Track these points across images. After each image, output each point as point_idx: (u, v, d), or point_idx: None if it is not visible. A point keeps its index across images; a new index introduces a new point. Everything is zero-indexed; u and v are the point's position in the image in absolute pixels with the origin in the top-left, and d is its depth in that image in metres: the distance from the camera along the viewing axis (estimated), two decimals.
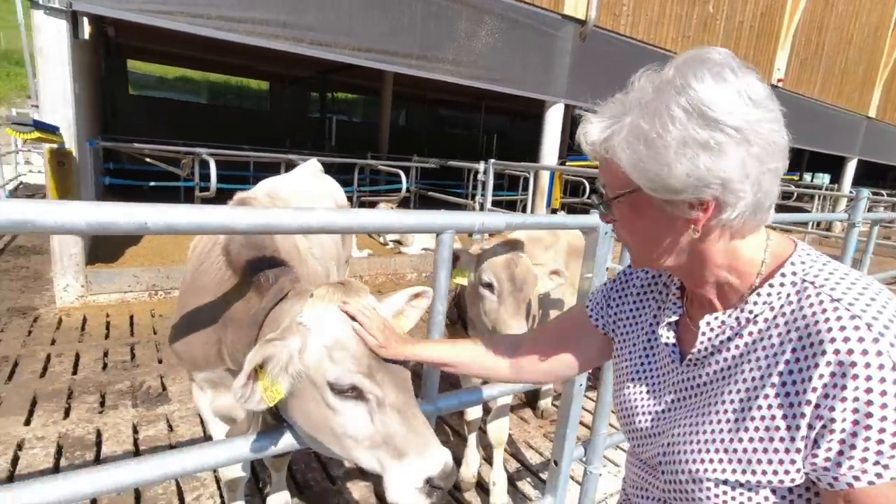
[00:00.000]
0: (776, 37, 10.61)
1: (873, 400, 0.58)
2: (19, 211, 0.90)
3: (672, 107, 0.65)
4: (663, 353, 0.85)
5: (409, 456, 1.03)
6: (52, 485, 1.03)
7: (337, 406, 1.06)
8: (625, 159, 0.69)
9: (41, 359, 3.39)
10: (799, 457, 0.64)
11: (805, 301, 0.66)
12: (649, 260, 0.78)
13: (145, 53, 14.00)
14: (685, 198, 0.67)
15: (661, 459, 0.80)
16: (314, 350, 1.07)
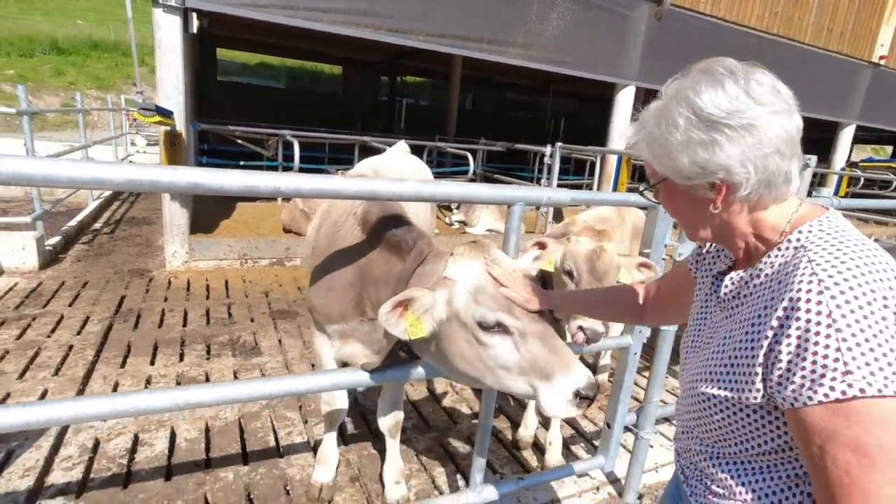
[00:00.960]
0: (880, 10, 9.64)
1: (809, 338, 0.70)
2: (199, 176, 1.20)
3: (675, 116, 0.82)
4: (710, 299, 1.03)
5: (556, 375, 1.21)
6: (217, 389, 1.36)
7: (487, 341, 1.26)
8: (648, 156, 0.90)
9: (158, 312, 3.96)
10: (758, 379, 0.78)
11: (793, 261, 0.79)
12: (693, 234, 0.95)
13: (233, 42, 14.99)
14: (699, 182, 0.84)
15: (687, 385, 0.98)
16: (461, 297, 1.29)
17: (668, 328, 2.19)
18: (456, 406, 3.06)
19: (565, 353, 1.24)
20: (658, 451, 2.76)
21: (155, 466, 2.28)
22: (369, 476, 2.36)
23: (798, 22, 8.69)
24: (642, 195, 1.03)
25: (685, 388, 1.00)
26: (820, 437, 0.70)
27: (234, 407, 2.78)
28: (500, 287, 1.30)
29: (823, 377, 0.69)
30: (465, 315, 1.28)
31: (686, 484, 1.03)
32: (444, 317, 1.30)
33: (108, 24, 29.07)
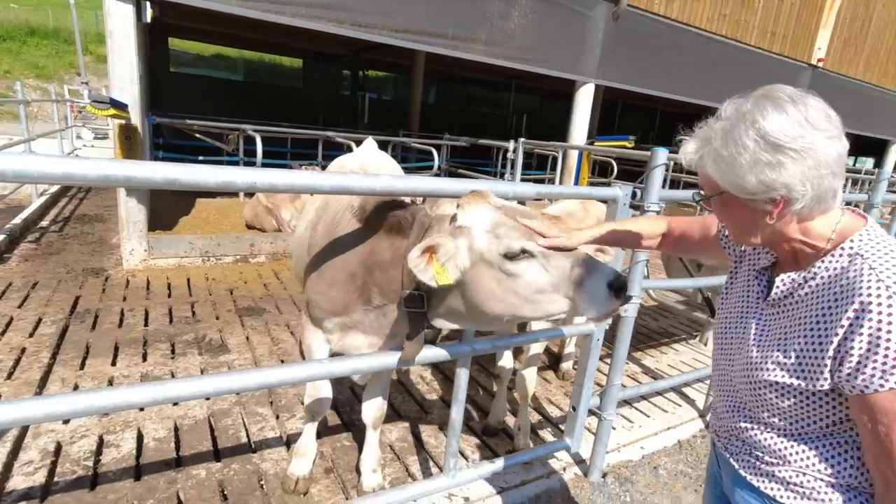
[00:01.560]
0: (819, 14, 10.27)
1: (881, 335, 0.83)
2: (175, 172, 1.21)
3: (744, 138, 0.90)
4: (753, 294, 1.13)
5: (587, 278, 1.29)
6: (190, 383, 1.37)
7: (516, 270, 1.32)
8: (713, 173, 0.97)
9: (117, 312, 3.83)
10: (826, 370, 0.90)
11: (851, 267, 0.91)
12: (743, 239, 1.05)
13: (186, 31, 14.42)
14: (760, 198, 0.93)
15: (739, 369, 1.09)
16: (481, 237, 1.35)
17: (629, 315, 2.32)
18: (426, 396, 3.12)
19: (589, 259, 1.33)
20: (620, 433, 2.92)
21: (123, 467, 2.24)
22: (343, 467, 2.40)
23: (744, 24, 9.14)
24: (697, 204, 1.12)
25: (735, 375, 1.10)
26: (887, 416, 0.84)
27: (202, 405, 2.75)
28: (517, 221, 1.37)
29: (895, 367, 0.82)
30: (489, 253, 1.34)
31: (733, 458, 1.14)
32: (468, 263, 1.36)
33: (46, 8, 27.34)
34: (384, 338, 1.78)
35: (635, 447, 2.84)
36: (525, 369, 2.67)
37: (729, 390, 1.15)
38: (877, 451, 0.87)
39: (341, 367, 1.61)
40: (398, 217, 1.61)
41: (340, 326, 1.85)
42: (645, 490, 2.52)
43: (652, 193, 2.18)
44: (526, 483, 2.41)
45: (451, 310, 1.52)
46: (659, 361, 3.98)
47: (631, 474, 2.62)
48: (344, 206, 1.81)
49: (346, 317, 1.79)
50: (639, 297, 2.31)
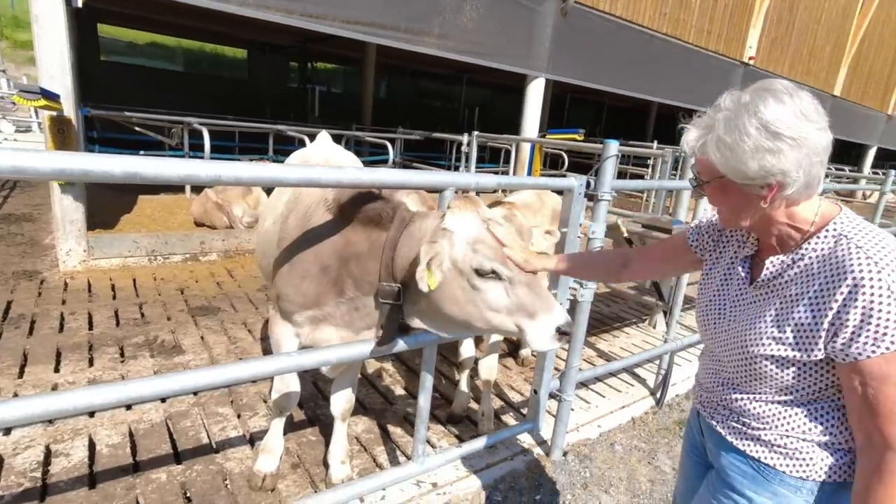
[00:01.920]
0: (749, 15, 10.95)
1: (873, 307, 0.92)
2: (134, 165, 1.17)
3: (747, 126, 0.97)
4: (736, 280, 1.21)
5: (540, 314, 1.41)
6: (150, 382, 1.33)
7: (482, 286, 1.43)
8: (715, 160, 1.03)
9: (56, 316, 3.61)
10: (821, 342, 0.99)
11: (838, 247, 1.00)
12: (735, 222, 1.12)
13: (116, 17, 13.55)
14: (757, 183, 1.00)
15: (730, 348, 1.17)
16: (460, 246, 1.44)
17: (585, 300, 2.43)
18: (391, 388, 3.15)
19: (548, 297, 1.44)
20: (578, 413, 3.05)
21: (75, 476, 2.14)
22: (311, 461, 2.39)
23: (683, 23, 9.62)
24: (694, 189, 1.18)
25: (726, 353, 1.19)
26: (876, 380, 0.94)
27: (158, 408, 2.66)
28: (497, 242, 1.46)
29: (886, 335, 0.92)
30: (462, 263, 1.43)
31: (719, 426, 1.24)
32: (448, 266, 1.43)
33: None
34: (356, 330, 1.79)
35: (593, 426, 2.98)
36: (486, 357, 2.74)
37: (717, 368, 1.24)
38: (863, 411, 0.96)
39: (309, 360, 1.61)
40: (377, 210, 1.62)
41: (311, 320, 1.84)
42: (603, 465, 2.66)
43: (604, 183, 2.29)
44: (491, 465, 2.49)
45: (419, 307, 1.59)
46: (612, 345, 4.18)
47: (590, 451, 2.75)
48: (317, 199, 1.79)
49: (318, 309, 1.79)
50: (594, 283, 2.42)
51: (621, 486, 2.52)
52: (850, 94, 15.64)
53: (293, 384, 2.11)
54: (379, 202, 1.66)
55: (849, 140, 16.27)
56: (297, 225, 1.81)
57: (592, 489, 2.47)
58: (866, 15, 14.76)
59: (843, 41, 14.48)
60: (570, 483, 2.49)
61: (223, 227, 5.60)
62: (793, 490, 1.10)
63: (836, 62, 14.55)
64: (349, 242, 1.66)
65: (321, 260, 1.71)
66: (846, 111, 15.63)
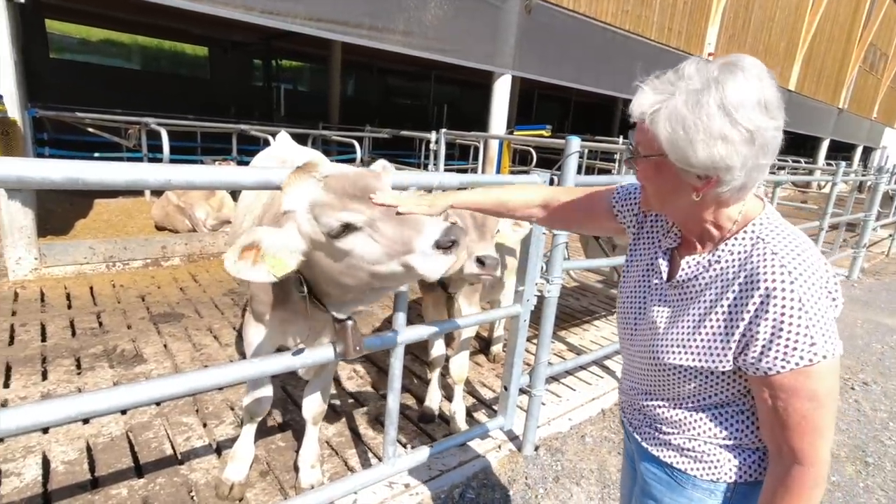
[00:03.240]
0: (707, 12, 11.27)
1: (783, 320, 0.88)
2: (78, 170, 1.11)
3: (710, 102, 0.86)
4: (656, 274, 1.13)
5: (414, 241, 1.23)
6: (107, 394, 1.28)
7: (345, 246, 1.26)
8: (663, 134, 0.90)
9: (5, 329, 3.43)
10: (731, 353, 0.95)
11: (754, 251, 0.94)
12: (657, 207, 1.05)
13: (64, 13, 12.96)
14: (697, 172, 0.91)
15: (640, 351, 1.12)
16: (304, 222, 1.29)
17: (552, 295, 2.46)
18: (361, 389, 3.12)
19: (418, 220, 1.26)
20: (549, 408, 3.09)
21: (27, 496, 2.04)
22: (280, 468, 2.34)
23: (645, 20, 9.83)
24: (627, 162, 1.06)
25: (638, 356, 1.15)
26: (786, 393, 0.90)
27: (118, 420, 2.56)
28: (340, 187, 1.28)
29: (795, 350, 0.88)
30: (316, 235, 1.29)
31: (636, 432, 1.20)
32: (305, 247, 1.32)
33: None
34: (317, 331, 1.76)
35: (564, 419, 3.02)
36: (458, 354, 2.74)
37: (630, 368, 1.20)
38: (774, 422, 0.94)
39: (275, 365, 1.58)
40: None
41: (280, 320, 1.81)
42: (574, 458, 2.70)
43: (568, 180, 2.31)
44: (464, 463, 2.50)
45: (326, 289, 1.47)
46: (582, 338, 4.24)
47: (561, 445, 2.79)
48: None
49: (282, 310, 1.77)
50: (560, 278, 2.45)
51: (592, 477, 2.57)
52: (804, 88, 16.31)
53: (265, 389, 2.07)
54: None
55: (803, 133, 16.97)
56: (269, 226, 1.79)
57: (564, 482, 2.51)
58: (816, 12, 15.42)
59: (796, 37, 15.08)
60: (542, 477, 2.52)
61: (185, 231, 5.43)
62: (707, 493, 1.07)
63: (790, 57, 15.14)
64: None
65: None
66: (800, 105, 16.29)
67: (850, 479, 2.77)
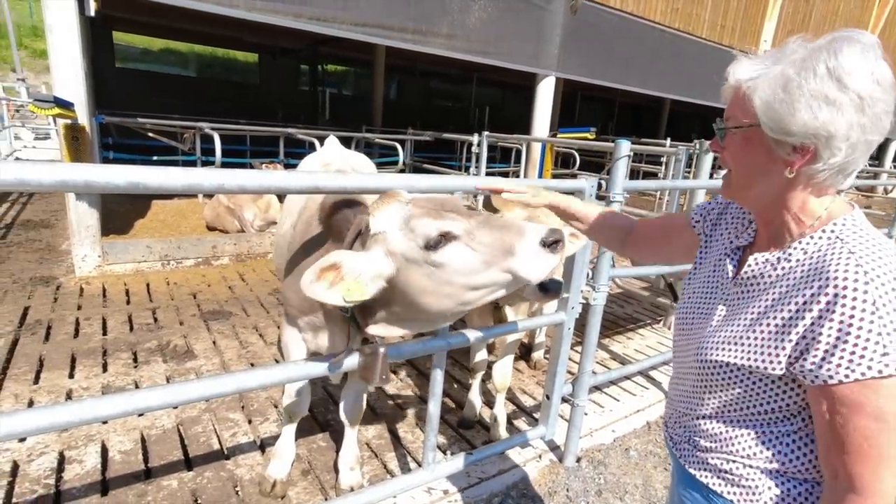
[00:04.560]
0: (764, 7, 10.74)
1: (853, 324, 0.78)
2: (138, 175, 1.16)
3: (819, 65, 0.80)
4: (722, 275, 1.06)
5: (517, 244, 1.19)
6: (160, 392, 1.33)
7: (442, 259, 1.20)
8: (761, 97, 0.85)
9: (71, 322, 3.65)
10: (783, 355, 0.86)
11: (830, 250, 0.85)
12: (741, 191, 0.96)
13: (131, 25, 13.74)
14: (793, 140, 0.83)
15: (694, 352, 1.04)
16: (396, 239, 1.25)
17: (598, 304, 2.38)
18: (401, 392, 3.13)
19: (516, 224, 1.25)
20: (592, 418, 3.00)
21: (88, 483, 2.15)
22: (321, 467, 2.38)
23: (696, 18, 9.46)
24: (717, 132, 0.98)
25: (688, 358, 1.06)
26: (847, 408, 0.80)
27: (170, 414, 2.67)
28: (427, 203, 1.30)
29: (863, 357, 0.77)
30: (410, 251, 1.24)
31: (676, 448, 1.13)
32: (392, 270, 1.27)
33: None
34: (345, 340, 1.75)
35: (607, 431, 2.93)
36: (501, 361, 2.70)
37: (680, 373, 1.13)
38: (830, 442, 0.84)
39: (317, 369, 1.59)
40: (341, 219, 1.56)
41: (311, 325, 1.85)
42: (617, 471, 2.61)
43: (616, 184, 2.24)
44: (503, 472, 2.46)
45: (389, 315, 1.42)
46: (626, 347, 4.11)
47: (604, 457, 2.70)
48: (318, 205, 1.80)
49: (314, 316, 1.79)
50: (606, 286, 2.38)
51: (636, 493, 2.47)
52: None
53: (304, 390, 2.10)
54: (350, 209, 1.59)
55: None
56: (302, 231, 1.83)
57: (607, 496, 2.42)
58: (886, 5, 14.40)
59: None
60: (583, 490, 2.44)
61: (235, 231, 5.63)
62: None
63: None
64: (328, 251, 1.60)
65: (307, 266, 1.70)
66: None
67: None
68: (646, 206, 8.67)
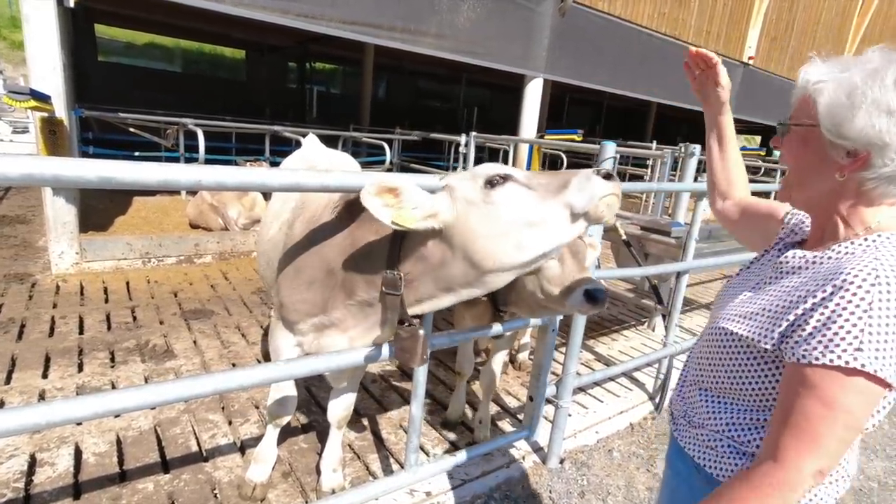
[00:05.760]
0: (748, 14, 10.90)
1: (842, 314, 0.81)
2: (110, 170, 1.12)
3: (888, 76, 0.84)
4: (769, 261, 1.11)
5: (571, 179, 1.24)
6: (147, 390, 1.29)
7: (500, 197, 1.26)
8: (824, 99, 0.89)
9: (46, 320, 3.56)
10: (777, 331, 0.90)
11: (859, 254, 0.87)
12: (796, 190, 1.00)
13: (113, 18, 13.50)
14: (847, 145, 0.87)
15: (715, 320, 1.09)
16: (462, 185, 1.32)
17: None
18: (385, 393, 3.10)
19: (566, 172, 1.30)
20: (575, 419, 3.00)
21: (60, 486, 2.09)
22: (302, 470, 2.34)
23: (682, 23, 9.57)
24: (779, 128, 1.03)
25: (712, 323, 1.11)
26: (805, 388, 0.83)
27: (147, 415, 2.61)
28: None
29: (837, 346, 0.80)
30: (471, 192, 1.30)
31: (674, 424, 1.18)
32: (452, 214, 1.30)
33: None
34: (367, 331, 1.71)
35: (590, 432, 2.94)
36: (491, 363, 2.68)
37: (701, 342, 1.16)
38: (778, 415, 0.87)
39: (302, 368, 1.56)
40: None
41: (316, 327, 1.77)
42: (600, 473, 2.61)
43: None
44: (486, 474, 2.44)
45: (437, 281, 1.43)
46: (611, 348, 4.13)
47: (587, 459, 2.71)
48: (324, 203, 1.74)
49: (325, 315, 1.71)
50: None
51: (619, 494, 2.48)
52: None
53: (289, 391, 2.06)
54: None
55: None
56: (304, 230, 1.75)
57: (589, 497, 2.42)
58: (865, 15, 14.73)
59: (842, 41, 14.44)
60: (566, 491, 2.44)
61: (218, 229, 5.55)
62: None
63: None
64: (357, 240, 1.58)
65: (328, 264, 1.64)
66: None
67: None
68: (631, 209, 8.74)
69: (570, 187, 1.23)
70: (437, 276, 1.43)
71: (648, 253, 3.98)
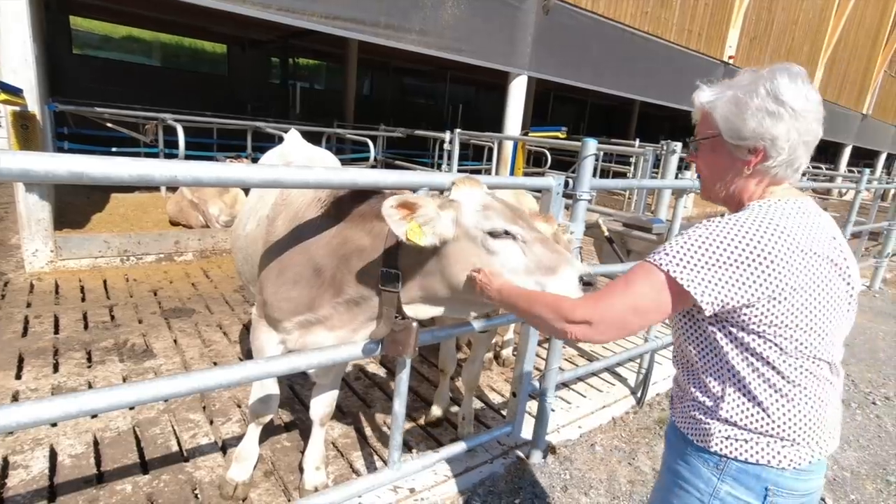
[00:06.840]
0: (728, 14, 11.06)
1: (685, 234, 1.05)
2: (82, 165, 1.09)
3: (760, 88, 1.06)
4: None
5: (560, 268, 1.37)
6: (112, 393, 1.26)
7: (496, 248, 1.40)
8: (719, 113, 1.11)
9: (19, 320, 3.47)
10: None
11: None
12: (714, 188, 1.19)
13: (88, 9, 13.17)
14: (747, 144, 1.08)
15: None
16: (469, 213, 1.43)
17: None
18: (368, 391, 3.09)
19: (565, 252, 1.43)
20: (559, 414, 3.03)
21: (34, 489, 2.04)
22: (284, 468, 2.32)
23: (664, 22, 9.67)
24: (690, 145, 1.24)
25: None
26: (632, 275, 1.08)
27: (125, 415, 2.56)
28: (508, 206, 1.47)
29: (663, 251, 1.06)
30: (474, 228, 1.41)
31: (671, 405, 1.29)
32: (451, 235, 1.41)
33: None
34: (358, 325, 1.71)
35: (573, 427, 2.96)
36: (472, 362, 2.68)
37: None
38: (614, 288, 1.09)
39: (283, 365, 1.55)
40: (376, 203, 1.59)
41: (301, 325, 1.75)
42: (583, 467, 2.64)
43: (583, 182, 2.26)
44: (470, 469, 2.45)
45: (425, 289, 1.53)
46: (593, 344, 4.16)
47: (570, 453, 2.73)
48: (308, 200, 1.72)
49: (311, 313, 1.70)
50: None
51: (601, 487, 2.51)
52: (827, 93, 15.92)
53: (271, 389, 2.04)
54: (376, 196, 1.64)
55: (825, 139, 16.56)
56: (287, 228, 1.72)
57: (572, 492, 2.45)
58: (841, 16, 15.06)
59: (819, 41, 14.75)
60: (549, 486, 2.46)
61: (199, 227, 5.46)
62: (701, 461, 1.14)
63: (813, 62, 14.80)
64: (348, 239, 1.59)
65: (314, 262, 1.63)
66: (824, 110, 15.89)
67: (870, 498, 2.67)
68: (614, 206, 8.83)
69: (556, 275, 1.37)
70: (423, 283, 1.53)
71: (630, 250, 4.02)
